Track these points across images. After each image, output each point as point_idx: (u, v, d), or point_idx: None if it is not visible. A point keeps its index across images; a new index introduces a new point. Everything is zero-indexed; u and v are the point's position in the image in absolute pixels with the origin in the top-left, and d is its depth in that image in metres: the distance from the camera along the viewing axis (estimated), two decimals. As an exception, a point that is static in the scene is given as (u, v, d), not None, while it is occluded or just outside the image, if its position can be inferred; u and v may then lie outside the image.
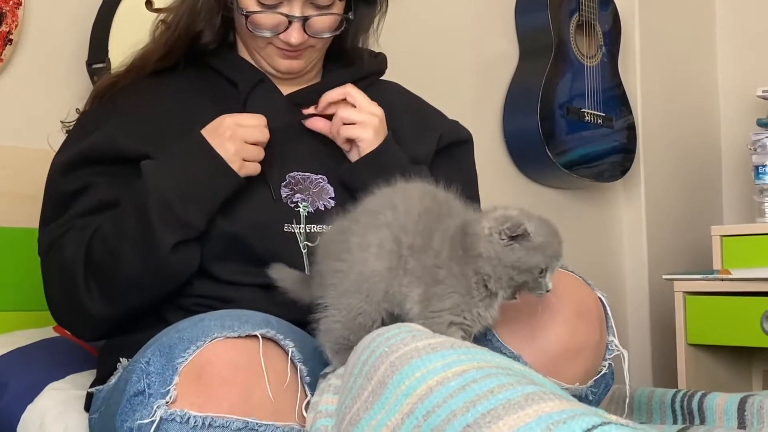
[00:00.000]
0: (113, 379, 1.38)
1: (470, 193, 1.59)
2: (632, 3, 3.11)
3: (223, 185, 1.39)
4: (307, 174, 1.49)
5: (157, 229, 1.34)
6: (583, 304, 1.36)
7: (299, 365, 1.19)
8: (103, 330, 1.44)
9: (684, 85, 3.29)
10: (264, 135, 1.44)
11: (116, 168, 1.44)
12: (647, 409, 1.76)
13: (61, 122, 1.62)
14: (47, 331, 1.73)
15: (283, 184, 1.47)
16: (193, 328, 1.17)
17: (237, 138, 1.40)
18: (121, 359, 1.38)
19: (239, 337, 1.15)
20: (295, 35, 1.48)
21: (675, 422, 1.71)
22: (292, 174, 1.48)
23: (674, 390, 1.77)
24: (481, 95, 2.80)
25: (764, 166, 2.75)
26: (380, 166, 1.44)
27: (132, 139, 1.44)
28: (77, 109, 1.62)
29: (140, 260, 1.36)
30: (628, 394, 1.50)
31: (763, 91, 2.89)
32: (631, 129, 2.99)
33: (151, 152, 1.42)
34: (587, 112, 2.83)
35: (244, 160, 1.41)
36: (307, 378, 1.20)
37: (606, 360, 1.40)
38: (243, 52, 1.59)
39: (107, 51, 1.97)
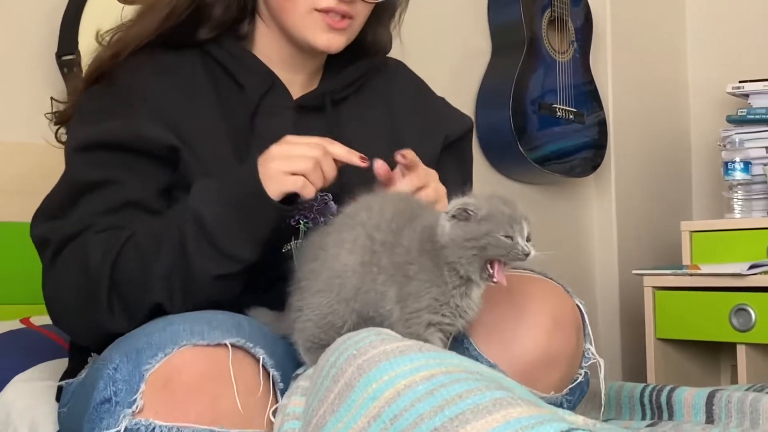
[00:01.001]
0: (83, 373, 1.36)
1: (469, 181, 1.61)
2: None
3: (260, 211, 1.27)
4: (315, 196, 1.42)
5: (197, 262, 1.25)
6: (560, 313, 1.36)
7: (272, 371, 1.17)
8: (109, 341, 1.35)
9: (655, 81, 3.31)
10: (313, 151, 1.28)
11: (138, 160, 1.34)
12: (616, 403, 1.77)
13: (46, 116, 1.53)
14: (14, 323, 1.72)
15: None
16: (161, 333, 1.15)
17: (281, 154, 1.28)
18: (92, 353, 1.36)
19: (208, 345, 1.13)
20: None
21: (644, 417, 1.72)
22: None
23: (643, 384, 1.78)
24: (454, 91, 2.78)
25: (733, 162, 2.77)
26: None
27: (153, 131, 1.35)
28: (51, 97, 1.55)
29: (178, 289, 1.26)
30: (603, 403, 1.49)
31: (733, 88, 2.91)
32: (602, 125, 3.00)
33: (174, 143, 1.35)
34: (559, 108, 2.84)
35: (292, 174, 1.26)
36: (281, 384, 1.18)
37: (582, 368, 1.40)
38: (258, 47, 1.48)
39: (77, 43, 1.96)
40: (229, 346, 1.13)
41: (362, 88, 1.54)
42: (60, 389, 1.44)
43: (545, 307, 1.34)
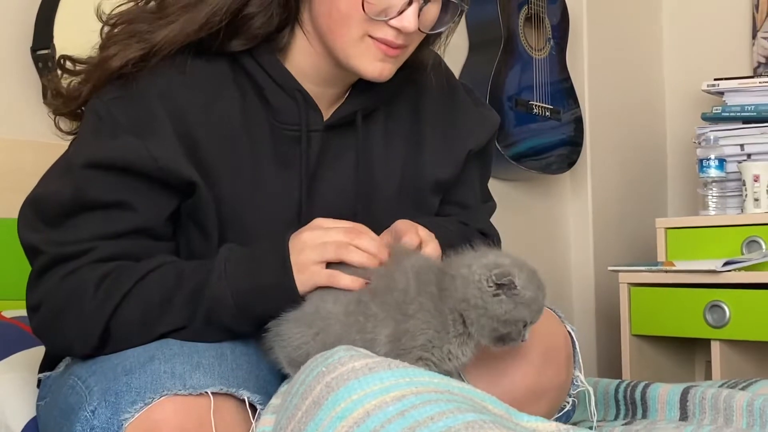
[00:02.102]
0: (62, 366, 1.34)
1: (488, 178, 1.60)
2: (580, -4, 3.14)
3: (283, 303, 1.22)
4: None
5: (200, 333, 1.23)
6: (552, 345, 1.33)
7: (258, 407, 1.17)
8: None
9: (630, 78, 3.32)
10: (347, 236, 1.22)
11: (151, 187, 1.27)
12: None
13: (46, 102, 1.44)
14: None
15: None
16: (141, 373, 1.14)
17: (313, 243, 1.21)
18: None
19: (190, 394, 1.11)
20: (411, 20, 1.28)
21: (617, 414, 1.73)
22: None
23: (618, 380, 1.79)
24: (431, 86, 2.80)
25: (708, 159, 2.79)
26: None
27: (173, 160, 1.26)
28: (52, 82, 1.42)
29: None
30: (594, 426, 1.48)
31: (708, 86, 2.93)
32: (579, 122, 3.01)
33: (194, 179, 1.28)
34: (535, 105, 2.84)
35: (323, 262, 1.21)
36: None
37: (570, 397, 1.38)
38: (293, 59, 1.37)
39: (52, 37, 1.95)
40: (211, 396, 1.13)
41: (394, 96, 1.45)
42: (39, 380, 1.42)
43: (536, 339, 1.30)
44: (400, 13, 1.28)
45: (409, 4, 1.28)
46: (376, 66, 1.32)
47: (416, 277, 1.19)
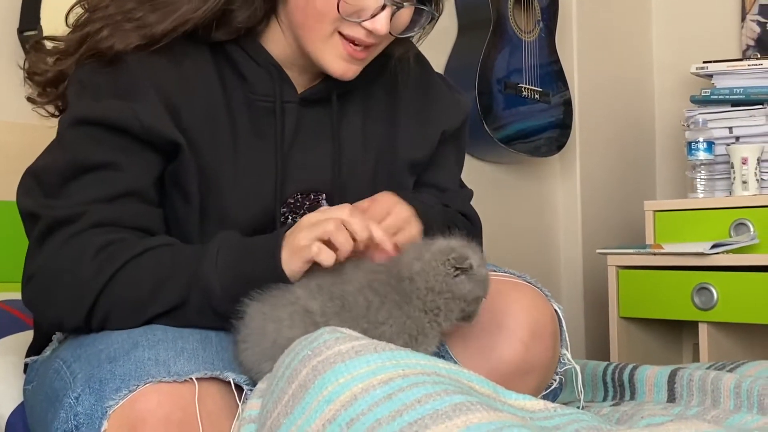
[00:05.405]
0: (48, 351, 1.34)
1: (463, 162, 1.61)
2: (570, -21, 3.13)
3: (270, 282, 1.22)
4: (309, 195, 1.42)
5: (189, 319, 1.23)
6: (538, 322, 1.35)
7: (246, 388, 1.16)
8: None
9: (620, 61, 3.32)
10: (340, 212, 1.21)
11: (138, 146, 1.28)
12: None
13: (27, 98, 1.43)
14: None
15: (282, 207, 1.39)
16: (125, 360, 1.13)
17: (308, 222, 1.21)
18: (56, 332, 1.34)
19: (175, 381, 1.11)
20: (383, 23, 1.32)
21: (606, 396, 1.73)
22: (295, 197, 1.40)
23: (606, 363, 1.80)
24: (420, 69, 2.79)
25: (697, 142, 2.79)
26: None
27: (157, 121, 1.28)
28: (26, 97, 1.45)
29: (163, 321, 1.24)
30: (581, 407, 1.48)
31: (697, 68, 2.93)
32: (568, 104, 3.01)
33: (178, 140, 1.29)
34: (525, 88, 2.84)
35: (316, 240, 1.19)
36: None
37: (557, 374, 1.40)
38: (267, 45, 1.41)
39: (39, 18, 1.94)
40: (195, 382, 1.12)
41: (370, 80, 1.48)
42: (26, 364, 1.42)
43: (524, 316, 1.33)
44: (373, 16, 1.32)
45: (383, 8, 1.32)
46: (341, 64, 1.36)
47: (374, 291, 1.20)
